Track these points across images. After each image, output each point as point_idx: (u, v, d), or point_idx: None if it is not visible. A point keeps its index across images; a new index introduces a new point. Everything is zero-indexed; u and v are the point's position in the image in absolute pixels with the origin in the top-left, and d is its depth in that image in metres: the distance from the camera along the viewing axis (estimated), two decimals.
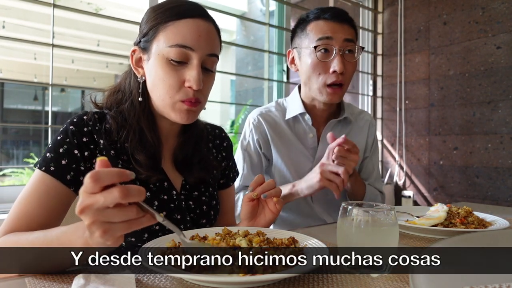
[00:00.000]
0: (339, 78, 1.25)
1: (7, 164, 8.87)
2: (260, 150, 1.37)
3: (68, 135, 0.83)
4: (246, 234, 0.73)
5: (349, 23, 1.29)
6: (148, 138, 0.88)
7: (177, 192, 0.92)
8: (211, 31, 0.86)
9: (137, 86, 0.89)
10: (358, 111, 1.50)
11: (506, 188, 2.32)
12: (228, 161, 1.09)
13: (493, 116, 2.37)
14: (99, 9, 6.04)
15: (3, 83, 9.26)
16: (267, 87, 2.50)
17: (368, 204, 0.70)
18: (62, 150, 0.81)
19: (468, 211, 1.02)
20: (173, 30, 0.82)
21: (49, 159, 0.80)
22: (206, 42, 0.84)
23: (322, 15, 1.27)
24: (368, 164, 1.48)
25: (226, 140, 1.11)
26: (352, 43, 1.27)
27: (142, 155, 0.86)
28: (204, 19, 0.85)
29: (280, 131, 1.38)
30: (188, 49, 0.82)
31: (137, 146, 0.86)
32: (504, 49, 2.32)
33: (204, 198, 0.96)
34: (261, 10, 5.07)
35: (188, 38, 0.82)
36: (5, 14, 5.91)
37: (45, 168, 0.79)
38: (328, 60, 1.25)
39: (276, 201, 0.89)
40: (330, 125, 1.38)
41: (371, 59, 2.99)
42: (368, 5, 2.97)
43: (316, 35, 1.26)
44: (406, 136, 2.81)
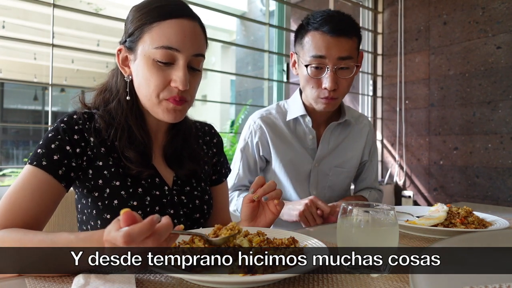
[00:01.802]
0: (330, 94, 1.25)
1: (7, 164, 8.87)
2: (259, 153, 1.39)
3: (59, 132, 0.84)
4: (246, 234, 0.73)
5: (348, 36, 1.23)
6: (137, 135, 0.89)
7: (169, 187, 0.93)
8: (197, 31, 0.86)
9: (124, 85, 0.90)
10: (357, 114, 1.51)
11: (506, 188, 2.32)
12: (219, 157, 1.10)
13: (493, 116, 2.37)
14: (99, 9, 6.04)
15: (3, 83, 9.26)
16: (267, 87, 2.50)
17: (368, 204, 0.70)
18: (54, 146, 0.82)
19: (468, 211, 1.02)
20: (158, 31, 0.82)
21: (40, 154, 0.81)
22: (192, 42, 0.84)
23: (320, 27, 1.23)
24: (369, 167, 1.52)
25: (216, 136, 1.12)
26: (347, 60, 1.23)
27: (132, 152, 0.87)
28: (189, 19, 0.85)
29: (280, 132, 1.39)
30: (174, 51, 0.82)
31: (126, 144, 0.87)
32: (504, 49, 2.32)
33: (196, 192, 0.97)
34: (261, 10, 5.07)
35: (173, 40, 0.82)
36: (5, 14, 5.91)
37: (37, 163, 0.79)
38: (320, 76, 1.25)
39: (277, 203, 0.89)
40: (330, 128, 1.39)
41: (371, 59, 2.99)
42: (368, 5, 2.97)
43: (310, 51, 1.24)
44: (406, 136, 2.81)
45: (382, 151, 2.96)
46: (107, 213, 0.86)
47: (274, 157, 1.38)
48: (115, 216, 0.79)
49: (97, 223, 0.87)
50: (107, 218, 0.85)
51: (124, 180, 0.87)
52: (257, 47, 3.86)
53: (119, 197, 0.86)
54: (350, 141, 1.44)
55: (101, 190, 0.86)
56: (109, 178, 0.86)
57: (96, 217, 0.86)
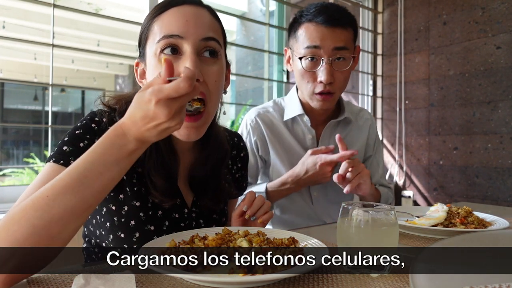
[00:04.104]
0: (326, 88, 1.20)
1: (7, 164, 8.86)
2: (257, 152, 1.35)
3: (89, 131, 0.77)
4: (246, 234, 0.73)
5: (344, 27, 1.19)
6: (165, 156, 0.81)
7: (189, 209, 0.88)
8: (202, 14, 0.77)
9: None
10: (357, 109, 1.46)
11: (506, 188, 2.32)
12: (242, 171, 1.05)
13: (493, 116, 2.37)
14: (99, 9, 6.03)
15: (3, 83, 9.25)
16: (267, 87, 2.50)
17: (368, 204, 0.70)
18: (82, 145, 0.75)
19: (468, 211, 1.02)
20: (158, 23, 0.76)
21: (67, 152, 0.74)
22: (196, 26, 0.74)
23: (314, 18, 1.19)
24: (373, 162, 1.45)
25: (244, 150, 1.05)
26: (343, 50, 1.19)
27: (160, 179, 0.80)
28: (191, 5, 0.77)
29: (278, 132, 1.35)
30: (176, 38, 0.73)
31: (155, 166, 0.80)
32: (504, 49, 2.32)
33: (215, 216, 0.93)
34: (261, 10, 5.07)
35: (174, 26, 0.74)
36: (5, 14, 5.91)
37: (64, 161, 0.72)
38: (315, 69, 1.20)
39: (260, 222, 0.86)
40: (330, 126, 1.35)
41: (371, 59, 2.99)
42: (368, 5, 2.97)
43: (304, 43, 1.19)
44: (406, 136, 2.81)
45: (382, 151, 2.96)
46: (121, 232, 0.80)
47: (272, 156, 1.34)
48: (130, 236, 0.80)
49: (109, 237, 0.81)
50: (121, 237, 0.80)
51: (145, 201, 0.81)
52: (257, 47, 3.86)
53: (137, 218, 0.80)
54: (351, 139, 1.39)
55: (119, 206, 0.80)
56: (130, 196, 0.80)
57: (109, 232, 0.81)
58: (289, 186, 1.22)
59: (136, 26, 1.11)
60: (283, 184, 1.23)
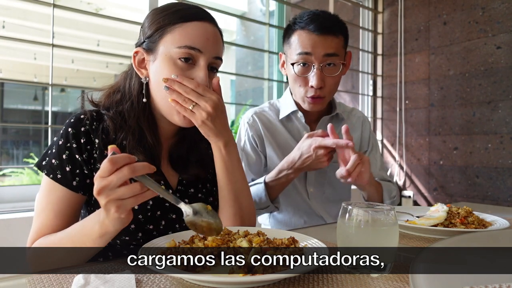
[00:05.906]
0: (317, 92, 1.25)
1: (7, 164, 8.86)
2: (257, 147, 1.37)
3: (68, 139, 0.85)
4: (246, 234, 0.73)
5: (334, 34, 1.24)
6: (148, 139, 0.89)
7: (173, 190, 0.93)
8: (218, 35, 0.89)
9: (138, 87, 0.89)
10: (349, 109, 1.51)
11: (506, 188, 2.32)
12: None
13: (493, 116, 2.37)
14: (99, 9, 6.04)
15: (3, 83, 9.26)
16: (267, 87, 2.50)
17: (368, 204, 0.70)
18: (65, 156, 0.84)
19: (468, 211, 1.02)
20: (181, 31, 0.84)
21: (55, 166, 0.83)
22: (214, 45, 0.86)
23: (307, 25, 1.24)
24: (370, 158, 1.46)
25: None
26: (334, 57, 1.24)
27: (141, 156, 0.86)
28: (210, 23, 0.88)
29: (274, 130, 1.39)
30: (196, 51, 0.84)
31: (135, 146, 0.87)
32: (504, 49, 2.32)
33: (200, 195, 0.97)
34: (261, 10, 5.07)
35: (196, 41, 0.84)
36: (5, 14, 5.91)
37: (53, 176, 0.83)
38: (307, 75, 1.26)
39: None
40: (323, 122, 1.39)
41: (371, 59, 2.99)
42: (368, 5, 2.97)
43: (296, 49, 1.25)
44: (406, 136, 2.81)
45: (382, 151, 2.95)
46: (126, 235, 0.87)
47: (269, 153, 1.36)
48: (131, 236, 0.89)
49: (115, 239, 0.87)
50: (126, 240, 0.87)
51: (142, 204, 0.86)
52: (257, 47, 3.86)
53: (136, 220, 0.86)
54: None
55: None
56: None
57: None
58: (286, 172, 1.23)
59: (136, 26, 1.12)
60: (280, 171, 1.24)
